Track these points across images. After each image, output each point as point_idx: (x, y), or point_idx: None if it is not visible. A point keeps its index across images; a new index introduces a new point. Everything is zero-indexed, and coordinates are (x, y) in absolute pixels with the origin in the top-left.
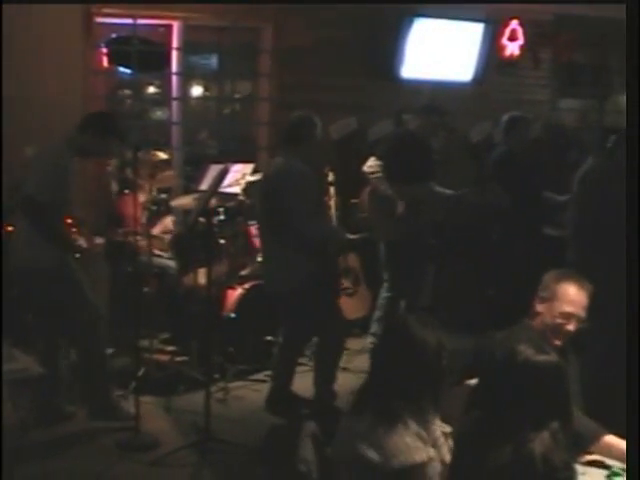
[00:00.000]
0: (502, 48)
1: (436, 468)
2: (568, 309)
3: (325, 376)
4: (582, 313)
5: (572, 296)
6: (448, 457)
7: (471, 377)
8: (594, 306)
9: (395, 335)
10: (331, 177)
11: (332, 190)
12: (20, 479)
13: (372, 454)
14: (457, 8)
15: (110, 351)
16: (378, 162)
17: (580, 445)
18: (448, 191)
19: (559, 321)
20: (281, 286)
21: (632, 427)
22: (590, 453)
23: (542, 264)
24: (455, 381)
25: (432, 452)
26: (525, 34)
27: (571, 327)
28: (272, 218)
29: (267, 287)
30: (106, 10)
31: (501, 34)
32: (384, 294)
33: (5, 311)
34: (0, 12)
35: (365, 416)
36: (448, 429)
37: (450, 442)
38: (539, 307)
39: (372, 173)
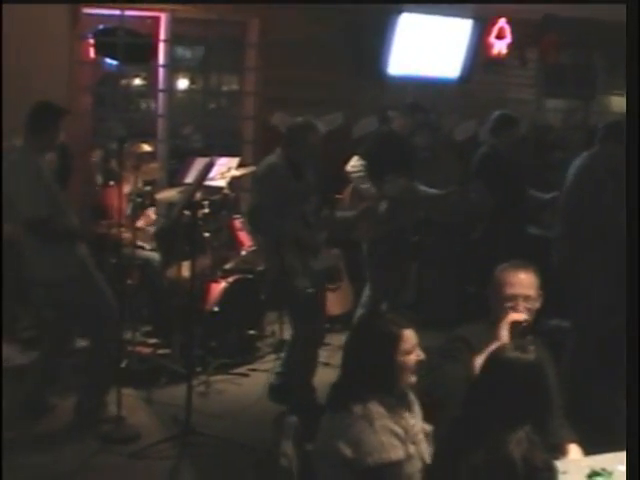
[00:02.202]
0: (489, 46)
1: (416, 466)
2: (510, 291)
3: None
4: (527, 292)
5: (512, 279)
6: (427, 456)
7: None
8: (578, 305)
9: (361, 330)
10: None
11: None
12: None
13: (347, 451)
14: (445, 5)
15: None
16: (360, 161)
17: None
18: (431, 190)
19: (508, 305)
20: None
21: (632, 427)
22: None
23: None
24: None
25: (412, 449)
26: (512, 33)
27: (522, 309)
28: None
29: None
30: (93, 1)
31: (489, 32)
32: (366, 292)
33: None
34: (0, 12)
35: (341, 413)
36: (428, 428)
37: (429, 441)
38: (490, 300)
39: (354, 172)
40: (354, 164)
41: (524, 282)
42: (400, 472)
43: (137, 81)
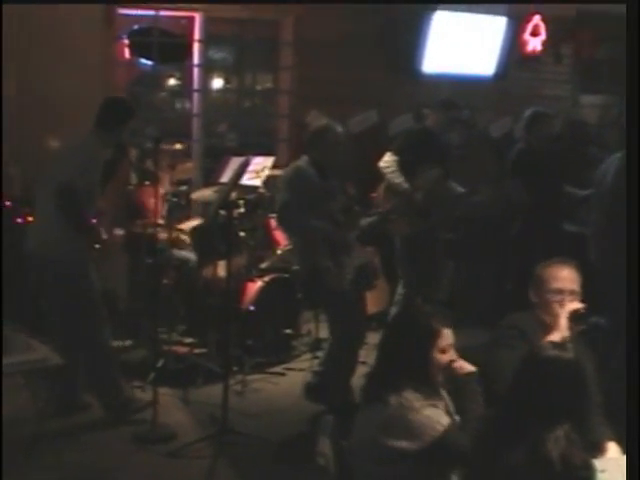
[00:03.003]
0: (524, 43)
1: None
2: (556, 285)
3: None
4: (572, 286)
5: (558, 274)
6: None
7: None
8: (612, 304)
9: (401, 321)
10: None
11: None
12: (37, 470)
13: (402, 443)
14: (480, 2)
15: (129, 343)
16: (393, 157)
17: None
18: (460, 188)
19: (553, 299)
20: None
21: (632, 427)
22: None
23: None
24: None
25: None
26: (547, 29)
27: (569, 303)
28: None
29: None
30: (128, 2)
31: (523, 29)
32: (400, 290)
33: (21, 300)
34: (0, 12)
35: (377, 404)
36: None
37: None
38: (534, 297)
39: (387, 168)
40: (387, 160)
41: (569, 277)
42: (453, 435)
43: (172, 81)
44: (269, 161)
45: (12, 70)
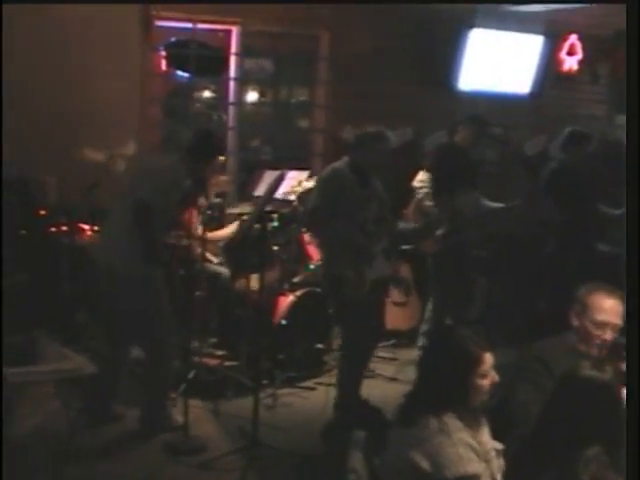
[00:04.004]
0: (560, 62)
1: None
2: (601, 317)
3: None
4: (617, 321)
5: (604, 304)
6: (498, 475)
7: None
8: None
9: (440, 346)
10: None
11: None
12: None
13: (424, 464)
14: (517, 20)
15: None
16: (427, 176)
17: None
18: (495, 204)
19: (594, 331)
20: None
21: (632, 427)
22: None
23: (594, 280)
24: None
25: (483, 467)
26: (584, 49)
27: (607, 336)
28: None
29: None
30: (166, 14)
31: (560, 48)
32: (430, 307)
33: (55, 310)
34: (0, 12)
35: (415, 426)
36: (499, 446)
37: (501, 460)
38: (574, 320)
39: (420, 188)
40: (421, 179)
41: (615, 310)
42: None
43: (207, 93)
44: (304, 175)
45: (49, 79)
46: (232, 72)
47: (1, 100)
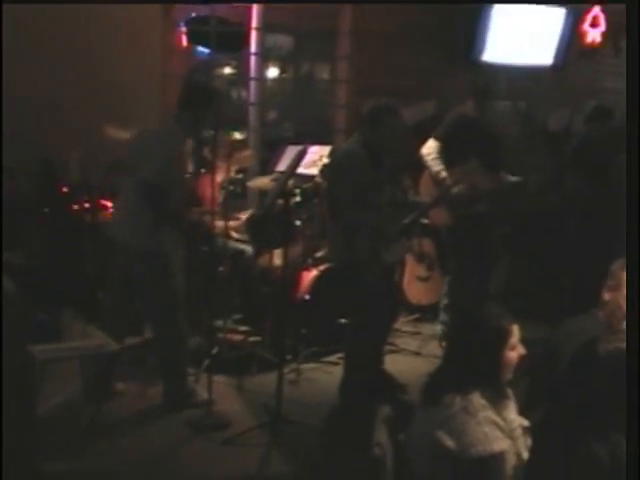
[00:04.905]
0: (583, 35)
1: (511, 461)
2: None
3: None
4: None
5: None
6: (525, 452)
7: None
8: None
9: (466, 322)
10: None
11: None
12: (91, 456)
13: (450, 442)
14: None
15: None
16: (435, 144)
17: None
18: (513, 178)
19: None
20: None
21: (632, 427)
22: None
23: (621, 255)
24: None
25: (509, 444)
26: (607, 21)
27: None
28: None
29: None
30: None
31: (583, 20)
32: (448, 280)
33: (78, 288)
34: (0, 12)
35: (441, 404)
36: (526, 423)
37: (528, 437)
38: (606, 296)
39: (428, 155)
40: (428, 146)
41: None
42: (503, 464)
43: (227, 69)
44: (326, 150)
45: (71, 57)
46: (253, 48)
47: (1, 99)
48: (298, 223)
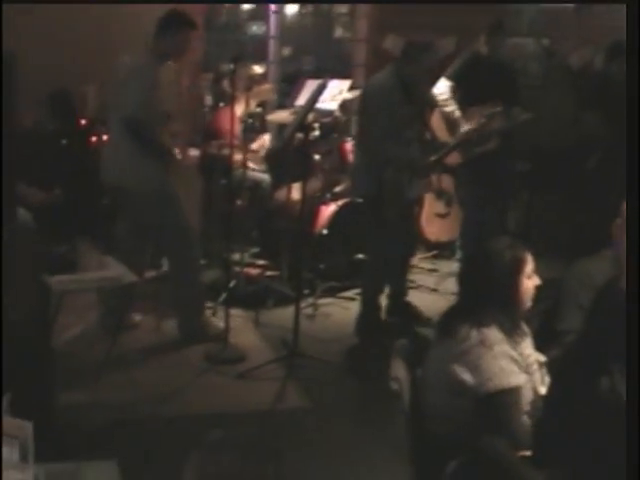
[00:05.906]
0: None
1: (527, 395)
2: None
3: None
4: None
5: None
6: (541, 387)
7: None
8: None
9: (481, 253)
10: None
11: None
12: (107, 388)
13: (466, 376)
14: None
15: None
16: (447, 84)
17: None
18: (526, 114)
19: None
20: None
21: (632, 427)
22: None
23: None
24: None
25: (525, 378)
26: None
27: None
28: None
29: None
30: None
31: None
32: (464, 219)
33: (96, 220)
34: (0, 12)
35: (457, 338)
36: (542, 358)
37: (545, 372)
38: (617, 235)
39: (440, 95)
40: (440, 86)
41: None
42: (519, 398)
43: (247, 5)
44: (346, 84)
45: None
46: None
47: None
48: (317, 157)
